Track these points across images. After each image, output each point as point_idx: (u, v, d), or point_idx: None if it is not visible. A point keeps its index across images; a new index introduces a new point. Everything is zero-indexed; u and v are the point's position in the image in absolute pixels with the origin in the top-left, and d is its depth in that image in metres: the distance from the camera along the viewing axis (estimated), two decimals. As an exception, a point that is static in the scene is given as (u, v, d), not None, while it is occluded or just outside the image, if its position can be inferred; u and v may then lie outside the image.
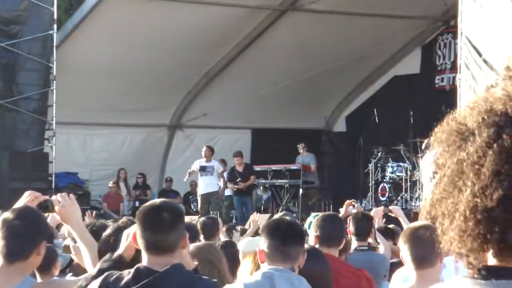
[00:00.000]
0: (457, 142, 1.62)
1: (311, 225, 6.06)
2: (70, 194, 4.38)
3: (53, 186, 17.85)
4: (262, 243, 4.12)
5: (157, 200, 3.76)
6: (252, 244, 7.03)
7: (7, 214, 3.93)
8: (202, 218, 9.40)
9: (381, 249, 7.48)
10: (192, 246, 4.53)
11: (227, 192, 19.86)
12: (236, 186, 19.37)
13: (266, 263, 4.07)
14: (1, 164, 18.50)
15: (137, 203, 20.46)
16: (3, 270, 3.90)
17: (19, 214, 3.93)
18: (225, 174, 19.40)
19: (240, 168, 19.56)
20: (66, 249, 4.89)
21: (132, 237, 3.65)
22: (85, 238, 4.34)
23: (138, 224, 3.63)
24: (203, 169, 18.61)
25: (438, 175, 1.65)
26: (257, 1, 19.98)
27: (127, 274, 3.54)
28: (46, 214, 4.37)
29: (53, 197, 4.31)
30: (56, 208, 4.26)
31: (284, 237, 4.08)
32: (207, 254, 4.84)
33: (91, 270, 4.04)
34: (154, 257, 3.55)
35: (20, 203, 4.21)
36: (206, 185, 18.61)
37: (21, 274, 3.92)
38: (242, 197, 19.59)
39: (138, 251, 3.69)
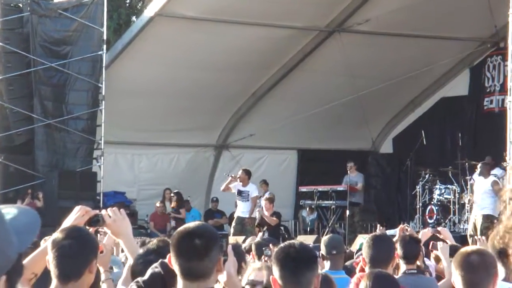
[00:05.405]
0: None
1: (362, 246, 6.03)
2: (121, 209, 4.37)
3: (101, 205, 17.94)
4: (274, 271, 4.08)
5: (190, 225, 3.65)
6: None
7: (56, 235, 3.89)
8: (257, 239, 9.31)
9: (445, 269, 7.47)
10: None
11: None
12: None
13: None
14: (50, 183, 18.68)
15: (173, 223, 20.43)
16: None
17: (68, 233, 3.88)
18: (262, 201, 17.99)
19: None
20: None
21: (168, 260, 3.61)
22: (136, 252, 4.31)
23: (172, 250, 3.57)
24: (239, 193, 17.88)
25: None
26: (304, 22, 19.99)
27: None
28: (99, 233, 4.35)
29: (103, 212, 4.30)
30: (107, 222, 4.26)
31: (294, 267, 4.02)
32: None
33: None
34: (190, 283, 3.51)
35: (70, 218, 4.19)
36: (240, 211, 17.89)
37: None
38: None
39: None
